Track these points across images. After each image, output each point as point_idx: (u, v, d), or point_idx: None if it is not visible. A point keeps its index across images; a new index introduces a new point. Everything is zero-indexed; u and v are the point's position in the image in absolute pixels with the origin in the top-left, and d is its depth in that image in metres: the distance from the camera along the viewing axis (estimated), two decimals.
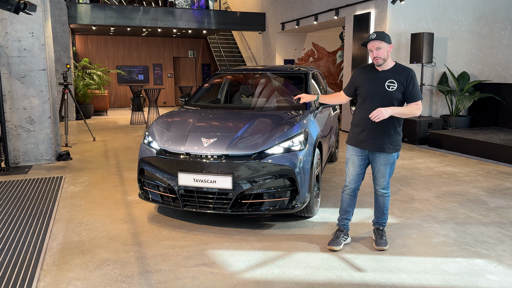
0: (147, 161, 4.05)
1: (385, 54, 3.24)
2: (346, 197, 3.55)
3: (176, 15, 13.11)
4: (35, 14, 6.14)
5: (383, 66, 3.30)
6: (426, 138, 8.25)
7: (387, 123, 3.28)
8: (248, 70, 5.71)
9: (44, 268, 3.17)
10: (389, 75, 3.28)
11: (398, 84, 3.24)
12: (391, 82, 3.26)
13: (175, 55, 18.04)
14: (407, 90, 3.25)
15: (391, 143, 3.31)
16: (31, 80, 6.35)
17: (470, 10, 9.02)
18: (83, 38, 16.64)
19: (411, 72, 3.28)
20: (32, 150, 6.51)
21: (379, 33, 3.24)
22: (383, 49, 3.22)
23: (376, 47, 3.22)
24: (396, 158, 3.40)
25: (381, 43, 3.21)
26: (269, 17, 13.81)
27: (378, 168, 3.39)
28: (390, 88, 3.26)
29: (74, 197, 4.91)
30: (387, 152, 3.32)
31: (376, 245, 3.43)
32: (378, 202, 3.51)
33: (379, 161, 3.36)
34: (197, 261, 3.26)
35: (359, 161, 3.43)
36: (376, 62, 3.27)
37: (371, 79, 3.35)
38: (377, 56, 3.23)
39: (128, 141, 8.81)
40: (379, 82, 3.30)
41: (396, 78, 3.26)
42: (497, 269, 3.10)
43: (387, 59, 3.27)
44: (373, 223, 3.59)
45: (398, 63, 3.36)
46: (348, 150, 3.50)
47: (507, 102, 8.57)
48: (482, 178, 5.69)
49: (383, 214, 3.50)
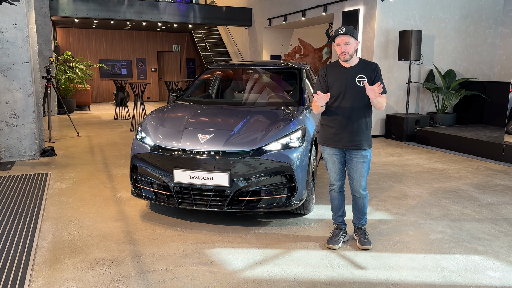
0: (140, 158, 3.94)
1: (352, 49, 3.22)
2: (334, 195, 3.51)
3: (160, 8, 12.89)
4: (19, 4, 5.92)
5: (350, 62, 3.28)
6: (414, 135, 8.33)
7: (359, 119, 3.26)
8: (242, 65, 5.62)
9: (35, 268, 3.04)
10: (358, 71, 3.26)
11: (368, 79, 3.24)
12: (361, 77, 3.24)
13: (159, 50, 17.78)
14: (373, 83, 3.23)
15: (365, 139, 3.29)
16: (14, 73, 6.12)
17: (456, 8, 9.12)
18: (65, 30, 16.23)
19: (376, 66, 3.29)
20: (15, 146, 6.29)
21: (348, 28, 3.19)
22: (351, 44, 3.20)
23: (345, 42, 3.18)
24: (371, 155, 3.38)
25: (350, 38, 3.18)
26: (256, 12, 13.71)
27: (355, 167, 3.33)
28: (361, 83, 3.23)
29: (61, 194, 4.75)
30: (363, 149, 3.29)
31: (361, 244, 3.38)
32: (357, 204, 3.46)
33: (356, 159, 3.31)
34: (195, 260, 3.18)
35: (338, 159, 3.39)
36: (343, 57, 3.23)
37: (340, 77, 3.30)
38: (345, 51, 3.19)
39: (113, 137, 8.62)
40: (349, 78, 3.27)
41: (365, 72, 3.26)
42: (496, 266, 3.12)
43: (353, 55, 3.25)
44: (354, 224, 3.54)
45: (362, 59, 3.36)
46: (325, 151, 3.43)
47: (492, 100, 8.71)
48: (472, 175, 5.76)
49: (364, 214, 3.47)
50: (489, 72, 9.80)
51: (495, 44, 9.73)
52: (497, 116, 8.56)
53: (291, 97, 4.83)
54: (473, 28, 9.38)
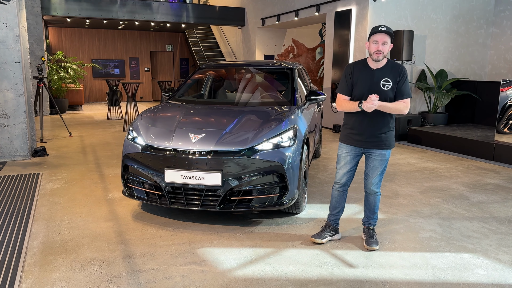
0: (131, 157, 3.93)
1: (387, 50, 3.18)
2: (335, 193, 3.53)
3: (153, 8, 12.85)
4: (9, 3, 5.88)
5: (378, 63, 3.24)
6: (406, 134, 8.38)
7: (382, 120, 3.26)
8: (234, 65, 5.63)
9: (26, 269, 3.03)
10: (384, 74, 3.22)
11: (393, 83, 3.21)
12: (386, 81, 3.21)
13: (152, 49, 17.72)
14: (397, 86, 3.22)
15: (386, 139, 3.29)
16: (5, 73, 6.08)
17: (448, 8, 9.19)
18: (57, 30, 16.13)
19: (404, 69, 3.25)
20: (6, 146, 6.25)
21: (389, 29, 3.15)
22: (387, 45, 3.16)
23: (383, 41, 3.13)
24: (389, 155, 3.39)
25: (388, 38, 3.15)
26: (249, 12, 13.72)
27: (373, 165, 3.35)
28: (385, 87, 3.20)
29: (53, 195, 4.73)
30: (383, 148, 3.30)
31: (367, 244, 3.40)
32: (369, 201, 3.48)
33: (374, 157, 3.33)
34: (186, 259, 3.18)
35: (352, 159, 3.39)
36: (376, 56, 3.17)
37: (366, 78, 3.26)
38: (381, 50, 3.14)
39: (105, 137, 8.58)
40: (374, 81, 3.23)
41: (391, 76, 3.21)
42: (485, 263, 3.15)
43: (384, 57, 3.22)
44: (364, 223, 3.56)
45: (390, 60, 3.32)
46: (341, 148, 3.44)
47: (483, 100, 8.78)
48: (462, 174, 5.81)
49: (374, 213, 3.49)
50: (480, 72, 9.88)
51: (486, 44, 9.81)
52: (488, 116, 8.64)
53: (284, 96, 4.84)
54: (464, 28, 9.46)
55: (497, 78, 9.54)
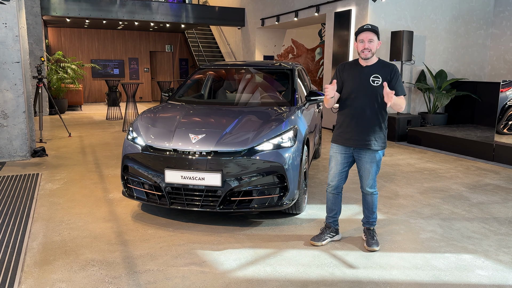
0: (131, 158, 3.93)
1: (374, 48, 3.22)
2: (329, 195, 3.52)
3: (153, 8, 12.85)
4: (9, 3, 5.87)
5: (368, 61, 3.28)
6: (405, 135, 8.38)
7: (372, 119, 3.26)
8: (234, 65, 5.62)
9: (25, 269, 3.02)
10: (374, 70, 3.26)
11: (383, 79, 3.23)
12: (375, 77, 3.24)
13: (151, 49, 17.71)
14: (390, 85, 3.22)
15: (376, 140, 3.28)
16: (4, 73, 6.07)
17: (447, 9, 9.19)
18: (56, 30, 16.12)
19: (394, 67, 3.29)
20: (5, 146, 6.24)
21: (374, 26, 3.23)
22: (374, 42, 3.21)
23: (369, 38, 3.19)
24: (381, 156, 3.38)
25: (374, 35, 3.20)
26: (249, 13, 13.72)
27: (363, 166, 3.35)
28: (375, 83, 3.23)
29: (52, 195, 4.72)
30: (372, 149, 3.29)
31: (368, 245, 3.39)
32: (366, 201, 3.48)
33: (364, 159, 3.33)
34: (186, 260, 3.18)
35: (342, 159, 3.39)
36: (364, 54, 3.22)
37: (355, 75, 3.31)
38: (368, 48, 3.20)
39: (105, 137, 8.57)
40: (364, 77, 3.27)
41: (381, 73, 3.24)
42: (485, 264, 3.15)
43: (374, 55, 3.26)
44: (363, 223, 3.55)
45: (381, 59, 3.36)
46: (332, 148, 3.45)
47: (482, 100, 8.79)
48: (462, 174, 5.81)
49: (373, 213, 3.48)
50: (480, 72, 9.89)
51: (485, 45, 9.82)
52: (487, 116, 8.64)
53: (283, 97, 4.84)
54: (464, 29, 9.46)
55: (496, 78, 9.55)
